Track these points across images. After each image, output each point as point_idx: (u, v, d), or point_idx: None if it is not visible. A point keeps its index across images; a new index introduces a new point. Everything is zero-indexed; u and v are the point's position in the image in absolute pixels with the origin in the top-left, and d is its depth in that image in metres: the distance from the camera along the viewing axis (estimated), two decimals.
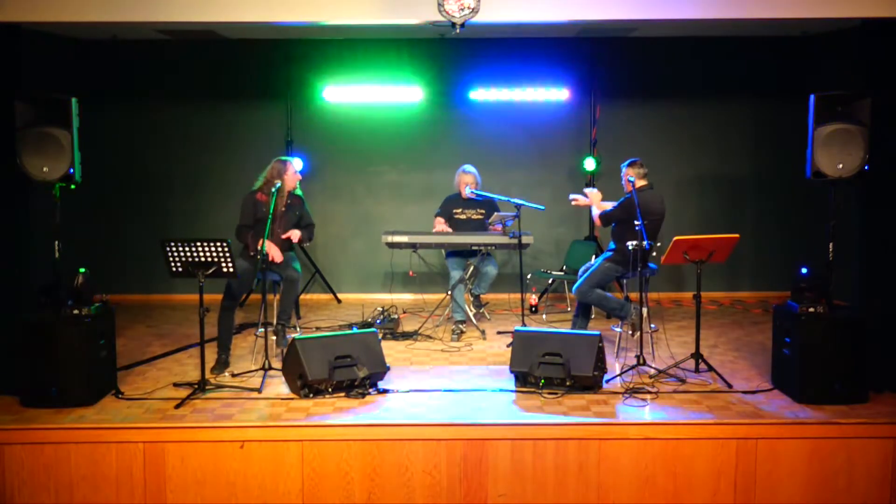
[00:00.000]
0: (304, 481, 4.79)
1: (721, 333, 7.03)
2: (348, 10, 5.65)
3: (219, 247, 5.22)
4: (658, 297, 8.14)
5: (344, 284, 8.73)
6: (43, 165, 5.19)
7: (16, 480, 4.78)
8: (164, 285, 8.03)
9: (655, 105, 8.57)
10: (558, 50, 8.37)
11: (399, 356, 6.31)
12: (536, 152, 8.61)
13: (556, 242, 8.59)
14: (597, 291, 6.22)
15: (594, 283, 6.21)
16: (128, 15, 5.57)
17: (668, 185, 8.49)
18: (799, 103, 6.02)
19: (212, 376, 5.64)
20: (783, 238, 8.57)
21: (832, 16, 5.63)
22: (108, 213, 8.52)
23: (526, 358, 5.42)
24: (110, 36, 7.82)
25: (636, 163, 6.20)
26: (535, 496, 4.80)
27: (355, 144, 8.61)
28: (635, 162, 6.20)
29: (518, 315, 7.20)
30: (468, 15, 5.32)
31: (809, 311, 5.20)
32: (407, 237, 6.85)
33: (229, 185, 8.31)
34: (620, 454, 4.80)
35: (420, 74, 8.42)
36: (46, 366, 5.12)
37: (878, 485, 4.82)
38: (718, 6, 5.62)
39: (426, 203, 8.01)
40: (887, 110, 5.39)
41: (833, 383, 5.11)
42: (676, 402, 5.18)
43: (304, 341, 5.32)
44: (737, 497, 4.80)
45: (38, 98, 5.27)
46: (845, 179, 5.26)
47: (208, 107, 8.58)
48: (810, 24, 7.24)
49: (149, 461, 4.77)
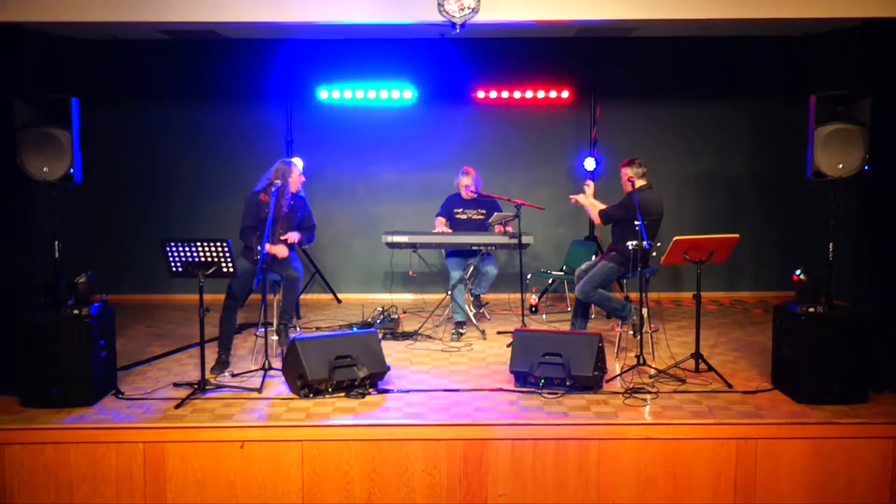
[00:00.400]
0: (304, 481, 4.79)
1: (721, 333, 7.03)
2: (348, 9, 5.65)
3: (219, 247, 5.23)
4: (658, 297, 8.14)
5: (344, 284, 8.73)
6: (43, 165, 5.19)
7: (16, 480, 4.78)
8: (164, 285, 8.03)
9: (655, 105, 8.57)
10: (558, 50, 8.38)
11: (399, 356, 6.31)
12: (536, 152, 8.61)
13: (555, 242, 8.59)
14: (599, 291, 6.22)
15: (596, 283, 6.21)
16: (128, 15, 5.57)
17: (668, 185, 8.49)
18: (799, 103, 6.02)
19: (211, 376, 5.64)
20: (783, 238, 8.57)
21: (832, 16, 5.63)
22: (108, 213, 8.52)
23: (526, 358, 5.42)
24: (110, 36, 7.81)
25: (635, 161, 6.20)
26: (535, 496, 4.81)
27: (355, 144, 8.61)
28: (634, 161, 6.20)
29: (518, 315, 7.21)
30: (468, 15, 5.31)
31: (809, 311, 5.20)
32: (407, 237, 6.85)
33: (229, 185, 8.32)
34: (620, 454, 4.80)
35: (420, 74, 8.43)
36: (46, 366, 5.12)
37: (878, 485, 4.82)
38: (718, 6, 5.62)
39: (426, 203, 8.01)
40: (887, 110, 5.39)
41: (833, 383, 5.11)
42: (676, 402, 5.18)
43: (304, 341, 5.32)
44: (737, 497, 4.80)
45: (38, 98, 5.28)
46: (845, 179, 5.26)
47: (208, 107, 8.58)
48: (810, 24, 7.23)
49: (149, 461, 4.77)
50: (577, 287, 6.32)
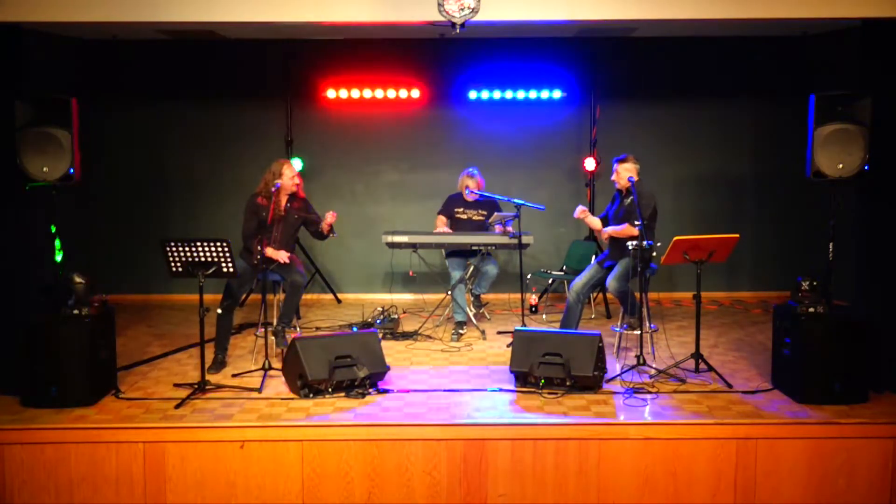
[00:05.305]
0: (304, 481, 4.79)
1: (721, 333, 7.03)
2: (348, 9, 5.65)
3: (219, 247, 5.23)
4: (658, 297, 8.14)
5: (344, 284, 8.73)
6: (43, 165, 5.19)
7: (16, 480, 4.78)
8: (164, 285, 8.04)
9: (655, 105, 8.57)
10: (558, 50, 8.38)
11: (399, 356, 6.31)
12: (536, 152, 8.61)
13: (556, 242, 8.59)
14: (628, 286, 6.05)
15: (627, 278, 6.00)
16: (128, 15, 5.57)
17: (669, 184, 8.50)
18: (799, 103, 6.02)
19: (209, 376, 5.63)
20: (783, 238, 8.57)
21: (832, 16, 5.63)
22: (108, 213, 8.52)
23: (526, 358, 5.42)
24: (110, 36, 7.82)
25: (631, 157, 6.16)
26: (535, 496, 4.81)
27: (355, 144, 8.61)
28: (629, 157, 6.16)
29: (518, 315, 7.20)
30: (468, 15, 5.31)
31: (809, 311, 5.20)
32: (407, 237, 6.85)
33: (229, 185, 8.33)
34: (620, 454, 4.80)
35: (420, 74, 8.43)
36: (46, 366, 5.12)
37: (878, 485, 4.82)
38: (718, 6, 5.62)
39: (426, 203, 8.01)
40: (887, 110, 5.39)
41: (833, 383, 5.11)
42: (676, 402, 5.18)
43: (304, 341, 5.32)
44: (737, 497, 4.80)
45: (38, 98, 5.28)
46: (845, 179, 5.26)
47: (208, 107, 8.58)
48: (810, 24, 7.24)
49: (149, 461, 4.77)
50: (611, 285, 6.05)
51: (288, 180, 6.05)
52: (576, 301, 6.33)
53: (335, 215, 6.11)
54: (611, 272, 6.15)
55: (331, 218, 6.10)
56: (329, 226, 6.14)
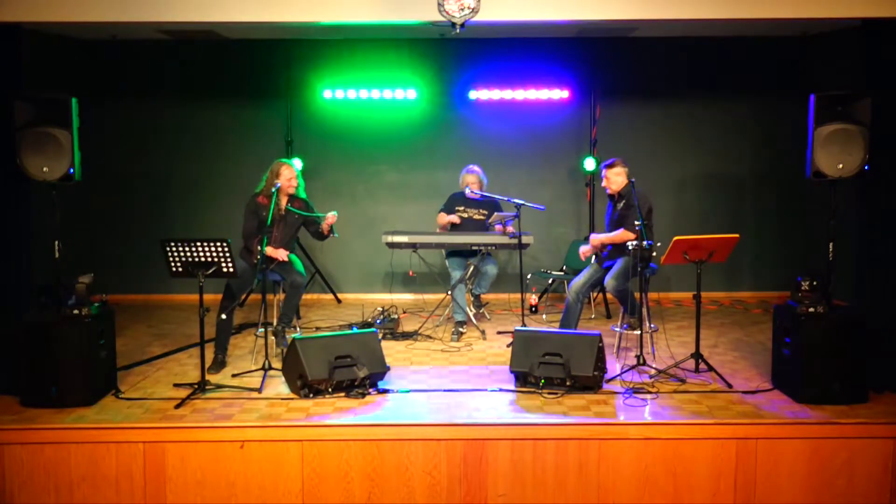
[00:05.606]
0: (304, 481, 4.79)
1: (721, 333, 7.03)
2: (348, 9, 5.65)
3: (219, 247, 5.23)
4: (658, 297, 8.14)
5: (344, 284, 8.73)
6: (43, 165, 5.19)
7: (16, 480, 4.78)
8: (164, 285, 8.03)
9: (655, 105, 8.57)
10: (558, 50, 8.38)
11: (399, 356, 6.31)
12: (536, 152, 8.61)
13: (556, 242, 8.59)
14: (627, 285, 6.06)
15: (626, 276, 6.01)
16: (128, 15, 5.57)
17: (669, 184, 8.50)
18: (799, 103, 6.02)
19: (209, 376, 5.63)
20: (783, 238, 8.58)
21: (832, 16, 5.63)
22: (108, 213, 8.52)
23: (526, 358, 5.42)
24: (110, 36, 7.82)
25: (619, 161, 6.17)
26: (535, 496, 4.80)
27: (355, 144, 8.62)
28: (618, 161, 6.17)
29: (518, 315, 7.20)
30: (468, 15, 5.31)
31: (809, 311, 5.20)
32: (407, 237, 6.85)
33: (229, 185, 8.33)
34: (620, 454, 4.80)
35: (420, 74, 8.43)
36: (46, 366, 5.12)
37: (878, 485, 4.82)
38: (718, 6, 5.62)
39: (426, 203, 8.01)
40: (887, 110, 5.38)
41: (833, 383, 5.11)
42: (676, 402, 5.18)
43: (304, 341, 5.32)
44: (737, 497, 4.79)
45: (38, 98, 5.27)
46: (845, 179, 5.26)
47: (208, 107, 8.58)
48: (810, 24, 7.24)
49: (149, 461, 4.77)
50: (609, 284, 6.06)
51: (285, 181, 6.05)
52: (575, 301, 6.33)
53: (335, 216, 6.12)
54: (609, 271, 6.16)
55: (331, 219, 6.11)
56: (329, 226, 6.15)
